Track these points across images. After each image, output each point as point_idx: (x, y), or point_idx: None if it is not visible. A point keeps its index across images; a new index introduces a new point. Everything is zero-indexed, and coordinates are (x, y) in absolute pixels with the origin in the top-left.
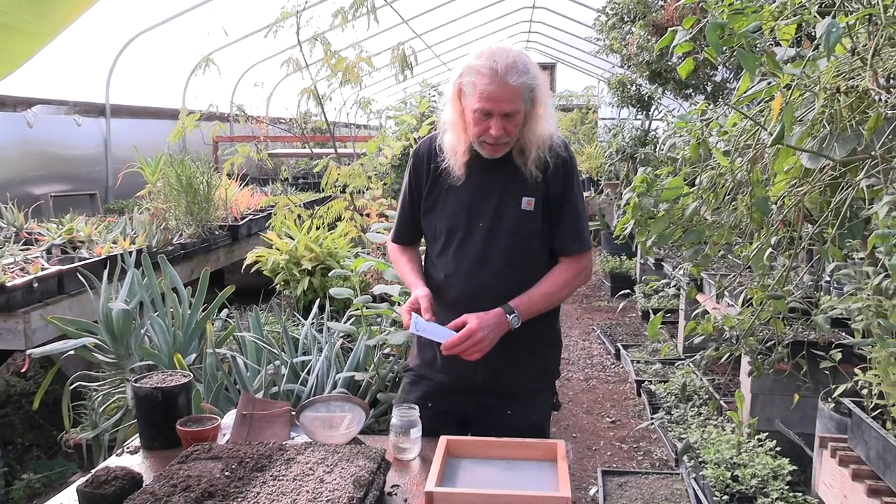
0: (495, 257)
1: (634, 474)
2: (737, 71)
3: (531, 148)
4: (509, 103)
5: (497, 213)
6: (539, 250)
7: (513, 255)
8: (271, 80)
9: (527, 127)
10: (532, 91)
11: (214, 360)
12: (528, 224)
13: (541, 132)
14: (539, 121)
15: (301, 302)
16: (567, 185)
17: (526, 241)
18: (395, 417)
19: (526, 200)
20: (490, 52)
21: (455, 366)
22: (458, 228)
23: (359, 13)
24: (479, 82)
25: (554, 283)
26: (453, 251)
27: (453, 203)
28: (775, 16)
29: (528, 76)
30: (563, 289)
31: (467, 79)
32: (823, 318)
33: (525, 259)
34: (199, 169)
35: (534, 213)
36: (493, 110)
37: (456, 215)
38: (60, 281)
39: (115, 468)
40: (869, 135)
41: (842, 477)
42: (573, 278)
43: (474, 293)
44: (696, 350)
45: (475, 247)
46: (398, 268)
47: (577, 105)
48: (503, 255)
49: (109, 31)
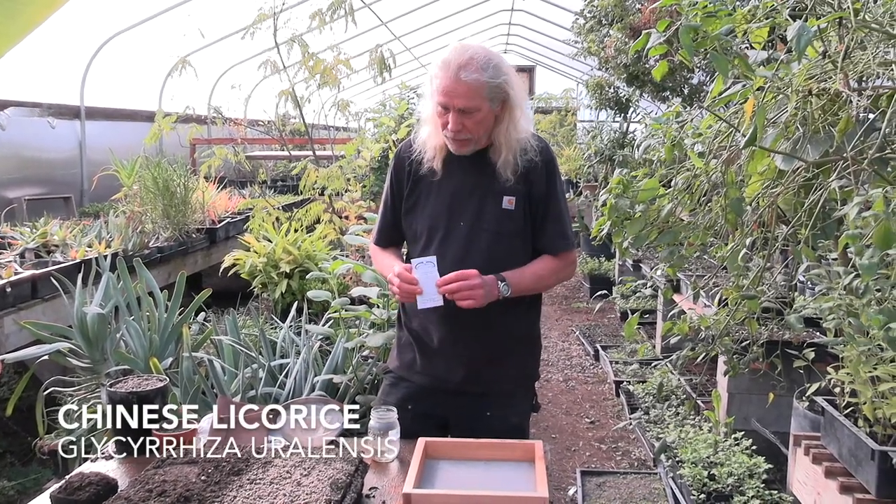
0: (476, 257)
1: (613, 474)
2: (713, 73)
3: (502, 150)
4: (463, 98)
5: (478, 213)
6: (520, 250)
7: (494, 254)
8: (249, 82)
9: (497, 128)
10: (499, 91)
11: (191, 364)
12: (509, 223)
13: (513, 135)
14: (511, 123)
15: (279, 305)
16: (550, 185)
17: (507, 240)
18: (374, 420)
19: (507, 199)
20: (454, 47)
21: (435, 367)
22: (439, 228)
23: (336, 15)
24: (438, 76)
25: (544, 267)
26: (434, 251)
27: (434, 203)
28: (748, 19)
29: (486, 73)
30: (552, 275)
31: (433, 72)
32: (796, 317)
33: (506, 259)
34: (175, 171)
35: (515, 212)
36: (448, 104)
37: (436, 215)
38: (34, 285)
39: (89, 474)
40: (840, 137)
41: (815, 474)
42: (561, 268)
43: None
44: (674, 350)
45: (456, 246)
46: (379, 263)
47: (556, 107)
48: (484, 255)
49: (84, 32)
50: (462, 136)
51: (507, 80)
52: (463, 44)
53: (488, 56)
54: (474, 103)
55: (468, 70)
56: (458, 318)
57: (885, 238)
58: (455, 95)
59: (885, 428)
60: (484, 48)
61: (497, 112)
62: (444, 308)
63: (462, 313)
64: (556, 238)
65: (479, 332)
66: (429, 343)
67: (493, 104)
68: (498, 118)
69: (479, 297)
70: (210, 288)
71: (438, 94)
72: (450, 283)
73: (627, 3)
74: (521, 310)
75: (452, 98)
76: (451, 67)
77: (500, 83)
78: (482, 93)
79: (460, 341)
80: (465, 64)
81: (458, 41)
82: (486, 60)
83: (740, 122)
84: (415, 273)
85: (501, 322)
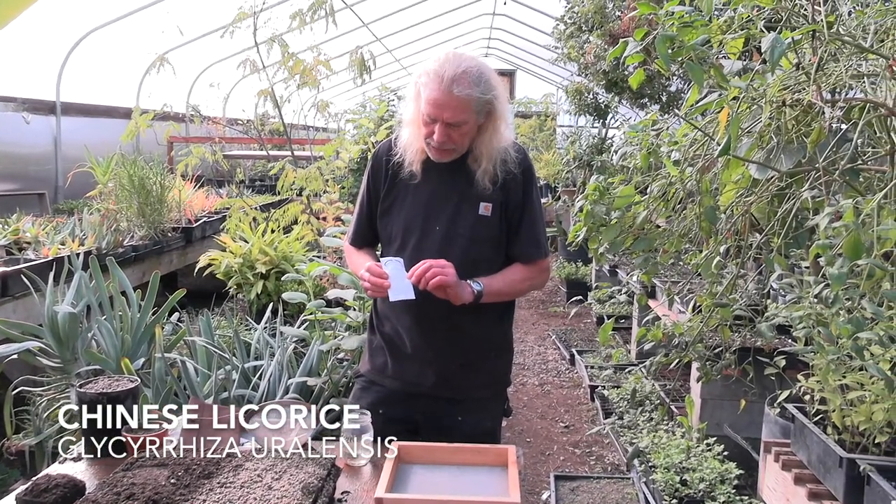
0: (450, 261)
1: (586, 479)
2: (690, 82)
3: (482, 160)
4: (453, 112)
5: (454, 218)
6: (494, 257)
7: (468, 260)
8: (228, 81)
9: (480, 139)
10: (487, 104)
11: (163, 365)
12: (484, 230)
13: (495, 145)
14: (494, 134)
15: (255, 306)
16: (526, 193)
17: (481, 246)
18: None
19: (483, 206)
20: (446, 58)
21: (405, 371)
22: (414, 231)
23: (317, 15)
24: (428, 87)
25: (517, 272)
26: (408, 254)
27: (410, 206)
28: (723, 30)
29: (478, 89)
30: (525, 281)
31: (422, 80)
32: (767, 325)
33: (480, 264)
34: (152, 170)
35: (491, 219)
36: (437, 117)
37: (412, 218)
38: (5, 283)
39: (56, 476)
40: (812, 147)
41: (785, 481)
42: (535, 275)
43: (428, 299)
44: (649, 356)
45: (430, 251)
46: (353, 262)
47: (535, 112)
48: (458, 260)
49: (62, 26)
50: (446, 146)
51: (496, 94)
52: (457, 55)
53: (480, 70)
54: (463, 117)
55: (461, 85)
56: (431, 324)
57: (855, 248)
58: (445, 108)
59: (853, 436)
60: (476, 60)
61: (481, 123)
62: (417, 312)
63: (435, 318)
64: (529, 246)
65: (451, 337)
66: (401, 347)
67: (479, 116)
68: (481, 128)
69: (451, 275)
70: (184, 288)
71: (427, 104)
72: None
73: (607, 11)
74: (493, 316)
75: (442, 111)
76: (445, 80)
77: (490, 98)
78: (471, 107)
79: (432, 346)
80: (459, 78)
81: (452, 50)
82: (479, 75)
83: (715, 131)
84: (385, 268)
85: (474, 328)
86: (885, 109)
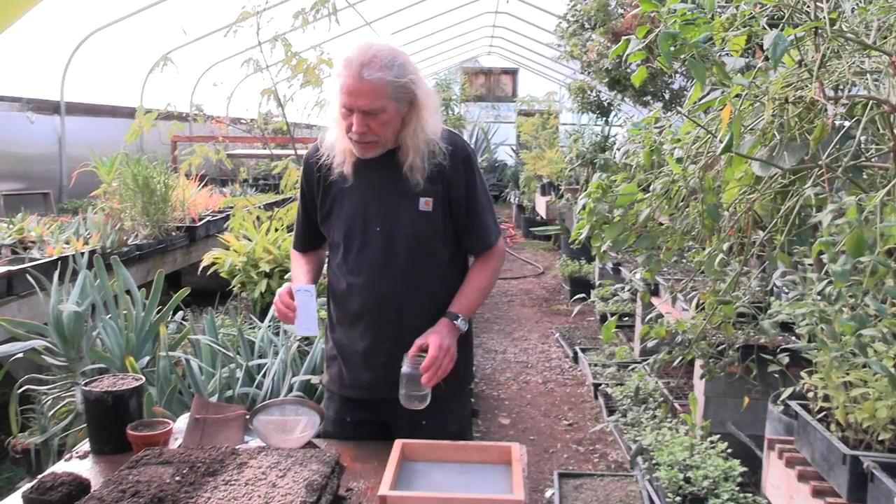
0: (396, 263)
1: (590, 476)
2: (693, 79)
3: (409, 153)
4: (367, 99)
5: (393, 217)
6: (440, 252)
7: (414, 258)
8: (232, 81)
9: (405, 131)
10: (405, 90)
11: (168, 364)
12: (427, 226)
13: (421, 137)
14: (419, 125)
15: (258, 304)
16: (469, 184)
17: (426, 244)
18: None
19: (423, 201)
20: (357, 46)
21: (360, 379)
22: (355, 235)
23: (320, 15)
24: (342, 74)
25: (481, 275)
26: (353, 259)
27: (348, 209)
28: (726, 27)
29: (391, 72)
30: (492, 277)
31: (336, 71)
32: (769, 322)
33: (427, 262)
34: (156, 169)
35: (434, 214)
36: (352, 105)
37: (351, 221)
38: (10, 282)
39: (61, 474)
40: (815, 144)
41: (788, 478)
42: (495, 268)
43: (378, 303)
44: (652, 353)
45: (374, 253)
46: (292, 271)
47: (538, 110)
48: (404, 260)
49: (65, 26)
50: (367, 138)
51: (413, 79)
52: (368, 42)
53: (393, 54)
54: (379, 104)
55: (371, 68)
56: (381, 329)
57: (858, 245)
58: (358, 95)
59: (856, 433)
60: (389, 45)
61: (404, 113)
62: (368, 317)
63: (385, 324)
64: (481, 236)
65: (404, 341)
66: (353, 355)
67: (400, 105)
68: (405, 119)
69: (454, 353)
70: (189, 287)
71: (341, 94)
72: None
73: (610, 8)
74: None
75: (356, 98)
76: (354, 65)
77: (406, 83)
78: (387, 92)
79: (383, 352)
80: (369, 62)
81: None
82: (391, 58)
83: (718, 128)
84: (296, 299)
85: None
86: (888, 106)
